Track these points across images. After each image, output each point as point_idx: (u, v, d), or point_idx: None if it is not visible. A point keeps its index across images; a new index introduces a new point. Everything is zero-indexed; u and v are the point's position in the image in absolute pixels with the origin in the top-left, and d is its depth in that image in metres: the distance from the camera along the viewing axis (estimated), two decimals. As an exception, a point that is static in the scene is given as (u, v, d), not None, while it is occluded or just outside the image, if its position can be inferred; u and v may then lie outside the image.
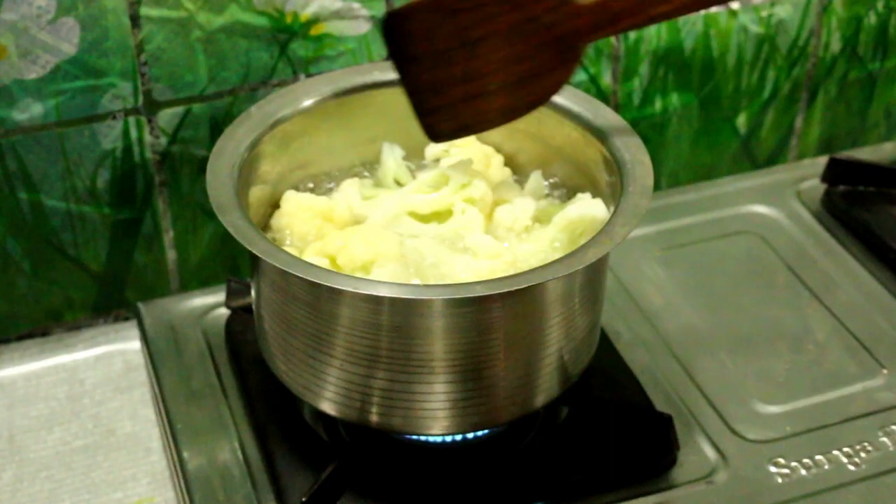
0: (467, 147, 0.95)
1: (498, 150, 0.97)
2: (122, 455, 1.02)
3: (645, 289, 1.06)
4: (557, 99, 0.93)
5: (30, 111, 1.00)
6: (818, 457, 0.91)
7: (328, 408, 0.86)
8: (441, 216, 0.91)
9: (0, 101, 0.99)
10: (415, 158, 0.98)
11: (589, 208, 0.89)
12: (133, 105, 1.03)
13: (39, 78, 0.99)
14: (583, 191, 0.94)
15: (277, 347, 0.87)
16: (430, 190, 0.91)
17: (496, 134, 0.96)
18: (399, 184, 0.96)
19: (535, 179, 0.95)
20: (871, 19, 1.23)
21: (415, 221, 0.90)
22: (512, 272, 0.85)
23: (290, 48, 1.05)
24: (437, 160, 0.96)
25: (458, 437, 0.90)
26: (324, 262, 0.86)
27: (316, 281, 0.78)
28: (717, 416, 0.94)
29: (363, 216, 0.92)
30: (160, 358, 0.99)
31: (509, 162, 0.97)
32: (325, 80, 0.95)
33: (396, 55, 0.84)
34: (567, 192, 0.95)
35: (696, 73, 1.20)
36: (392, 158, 0.96)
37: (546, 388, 0.86)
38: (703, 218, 1.14)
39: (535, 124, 0.94)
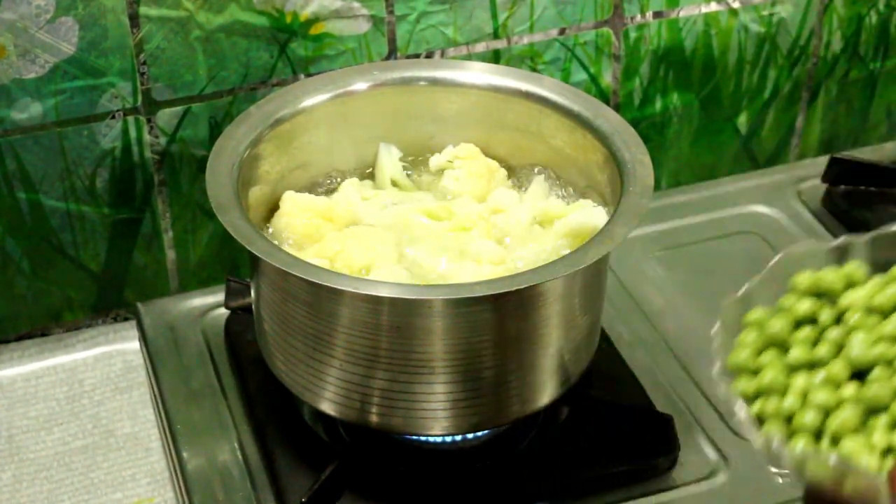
0: (471, 160, 0.95)
1: (498, 151, 0.97)
2: (122, 455, 1.02)
3: (645, 289, 1.06)
4: (558, 99, 0.93)
5: (29, 111, 1.00)
6: (819, 457, 0.91)
7: (328, 408, 0.86)
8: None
9: (-1, 100, 0.99)
10: (413, 158, 0.97)
11: (590, 217, 0.89)
12: (132, 105, 1.03)
13: (38, 77, 0.99)
14: (583, 190, 0.94)
15: (277, 348, 0.87)
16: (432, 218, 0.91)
17: (497, 136, 0.96)
18: (395, 184, 0.96)
19: (538, 183, 0.95)
20: (873, 18, 1.23)
21: (422, 217, 0.90)
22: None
23: (290, 48, 1.05)
24: (441, 171, 0.96)
25: (458, 438, 0.89)
26: (323, 264, 0.85)
27: (316, 281, 0.78)
28: (717, 417, 0.94)
29: (362, 217, 0.92)
30: (159, 358, 0.99)
31: (510, 162, 0.97)
32: (325, 80, 0.95)
33: None
34: (568, 192, 0.95)
35: (697, 72, 1.19)
36: (388, 159, 0.96)
37: (546, 388, 0.86)
38: (704, 218, 1.14)
39: (536, 124, 0.94)
